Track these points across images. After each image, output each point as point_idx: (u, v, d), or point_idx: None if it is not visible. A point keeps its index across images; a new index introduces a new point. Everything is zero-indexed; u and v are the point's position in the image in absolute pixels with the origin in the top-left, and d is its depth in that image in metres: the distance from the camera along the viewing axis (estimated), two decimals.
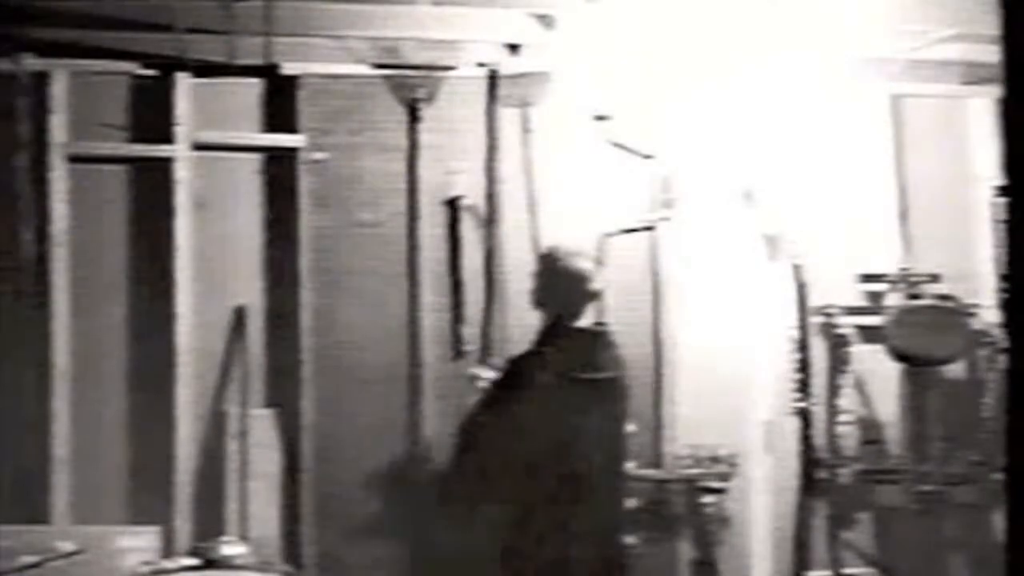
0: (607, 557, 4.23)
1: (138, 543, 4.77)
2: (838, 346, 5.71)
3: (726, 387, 5.57)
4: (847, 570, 5.65)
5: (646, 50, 5.46)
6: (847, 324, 5.70)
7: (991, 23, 1.91)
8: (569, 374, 4.19)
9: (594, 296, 4.38)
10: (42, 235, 5.16)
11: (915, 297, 5.66)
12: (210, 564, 4.73)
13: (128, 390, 5.26)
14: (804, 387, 5.53)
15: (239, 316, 5.34)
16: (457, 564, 4.40)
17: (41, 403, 5.10)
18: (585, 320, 4.23)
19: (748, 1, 5.33)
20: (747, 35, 5.42)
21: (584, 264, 4.50)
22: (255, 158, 5.42)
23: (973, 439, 5.64)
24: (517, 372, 4.38)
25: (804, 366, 5.55)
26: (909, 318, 5.58)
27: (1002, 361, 1.95)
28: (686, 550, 5.53)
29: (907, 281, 5.70)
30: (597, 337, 4.29)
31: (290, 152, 5.39)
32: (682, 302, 5.59)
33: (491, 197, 5.50)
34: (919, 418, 5.77)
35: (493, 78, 5.51)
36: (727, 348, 5.58)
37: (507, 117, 5.54)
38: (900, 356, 5.62)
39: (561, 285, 4.36)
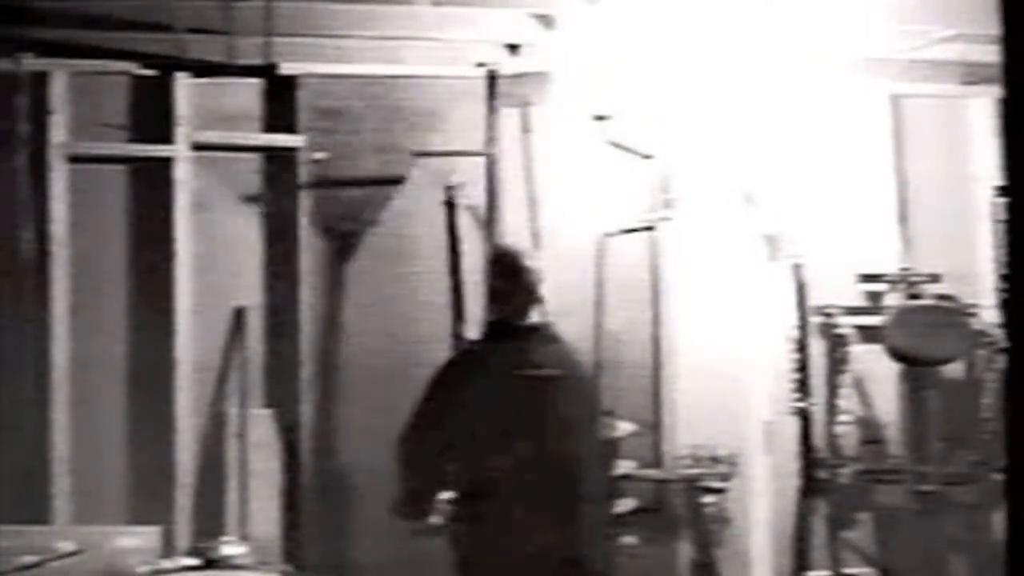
0: (569, 557, 4.16)
1: (138, 543, 4.77)
2: (837, 346, 5.71)
3: (726, 387, 5.57)
4: (847, 570, 5.64)
5: (646, 50, 5.46)
6: (847, 324, 5.70)
7: (991, 23, 1.90)
8: (509, 372, 4.15)
9: (538, 296, 4.29)
10: (42, 235, 5.16)
11: (915, 297, 5.66)
12: (210, 564, 4.73)
13: (128, 390, 5.26)
14: (804, 387, 5.53)
15: (239, 316, 5.34)
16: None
17: (41, 403, 5.10)
18: (531, 319, 4.19)
19: (748, 1, 5.33)
20: (747, 35, 5.42)
21: (531, 263, 4.40)
22: (255, 158, 5.42)
23: (973, 439, 5.64)
24: (455, 370, 4.34)
25: (804, 366, 5.55)
26: (909, 318, 5.58)
27: (1002, 361, 1.94)
28: (686, 550, 5.53)
29: (907, 281, 5.70)
30: (539, 334, 4.24)
31: (290, 152, 5.39)
32: (682, 302, 5.59)
33: (491, 197, 5.50)
34: (919, 418, 5.77)
35: (493, 78, 5.51)
36: (727, 348, 5.58)
37: (507, 117, 5.53)
38: (900, 356, 5.62)
39: (507, 283, 4.31)
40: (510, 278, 4.23)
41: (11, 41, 5.12)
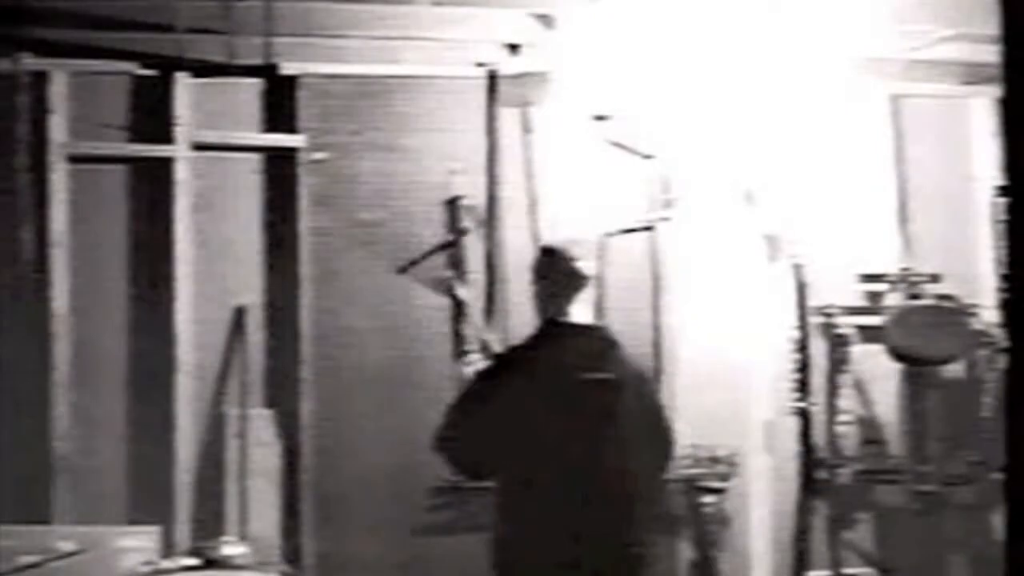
0: (616, 561, 4.07)
1: (138, 543, 4.77)
2: (838, 346, 5.71)
3: (726, 387, 5.57)
4: (847, 570, 5.65)
5: (646, 50, 5.46)
6: (847, 324, 5.70)
7: (991, 23, 1.90)
8: (563, 372, 4.02)
9: (585, 286, 4.13)
10: (42, 235, 5.16)
11: (915, 297, 5.67)
12: (210, 564, 4.73)
13: (128, 390, 5.26)
14: (804, 387, 5.53)
15: (239, 316, 5.34)
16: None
17: (41, 403, 5.10)
18: (582, 318, 4.07)
19: (748, 1, 5.33)
20: (747, 35, 5.42)
21: (580, 254, 4.27)
22: (255, 158, 5.42)
23: (973, 439, 5.64)
24: (505, 367, 4.21)
25: (804, 366, 5.55)
26: (909, 318, 5.58)
27: (1002, 361, 1.94)
28: (686, 550, 5.53)
29: (907, 281, 5.70)
30: (596, 335, 4.11)
31: (290, 152, 5.39)
32: (682, 302, 5.59)
33: (491, 197, 5.50)
34: (919, 418, 5.77)
35: (493, 78, 5.51)
36: (727, 348, 5.58)
37: (507, 117, 5.54)
38: (900, 356, 5.62)
39: (555, 281, 4.18)
40: (558, 275, 4.09)
41: (11, 41, 5.12)
